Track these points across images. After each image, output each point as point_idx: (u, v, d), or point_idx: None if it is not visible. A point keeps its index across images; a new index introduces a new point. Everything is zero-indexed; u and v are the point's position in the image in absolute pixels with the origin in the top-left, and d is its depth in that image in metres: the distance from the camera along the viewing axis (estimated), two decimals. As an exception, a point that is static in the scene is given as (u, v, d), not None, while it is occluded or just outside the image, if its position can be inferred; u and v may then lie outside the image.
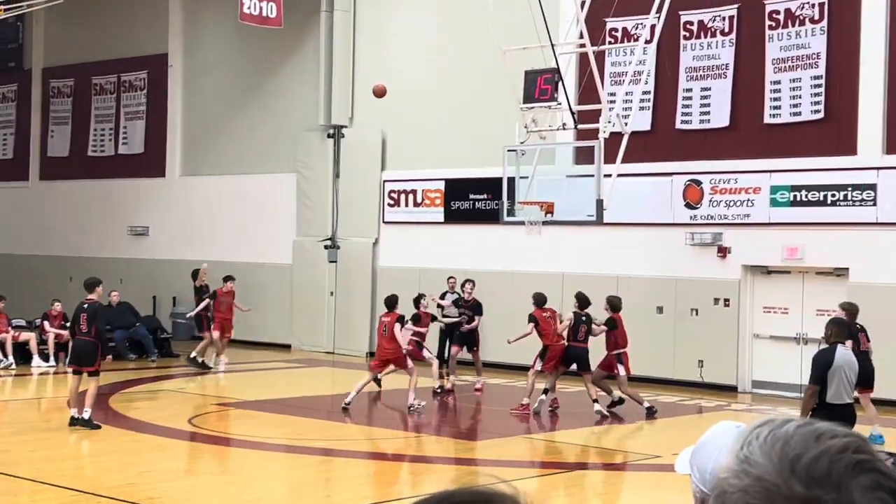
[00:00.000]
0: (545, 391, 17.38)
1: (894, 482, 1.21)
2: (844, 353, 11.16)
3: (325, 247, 26.10)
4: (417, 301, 18.92)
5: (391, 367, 17.71)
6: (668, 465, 12.61)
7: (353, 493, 12.10)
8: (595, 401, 17.05)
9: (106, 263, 29.22)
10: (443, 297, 21.77)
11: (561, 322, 17.78)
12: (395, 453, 14.67)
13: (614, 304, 17.70)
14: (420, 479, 12.59)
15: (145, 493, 11.48)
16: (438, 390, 19.25)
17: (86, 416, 14.67)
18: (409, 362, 17.41)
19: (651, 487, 12.24)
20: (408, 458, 14.44)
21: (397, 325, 17.21)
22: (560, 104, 18.49)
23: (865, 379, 14.07)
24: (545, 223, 19.08)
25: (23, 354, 22.43)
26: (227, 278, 22.72)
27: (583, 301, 17.78)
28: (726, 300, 20.44)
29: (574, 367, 17.54)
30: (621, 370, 17.28)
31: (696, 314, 20.59)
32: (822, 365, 11.04)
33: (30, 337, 22.85)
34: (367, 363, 24.25)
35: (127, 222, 29.94)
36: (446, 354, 21.97)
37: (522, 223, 19.21)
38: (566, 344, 17.50)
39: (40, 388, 20.75)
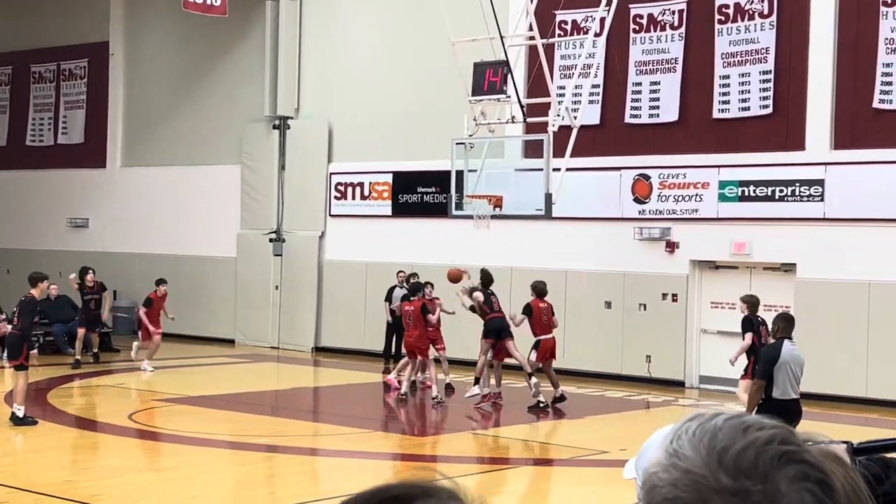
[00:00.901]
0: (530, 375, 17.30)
1: (820, 472, 1.22)
2: (791, 348, 11.30)
3: (271, 240, 25.97)
4: (415, 291, 18.70)
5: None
6: (615, 460, 12.79)
7: (296, 490, 12.06)
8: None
9: (45, 256, 28.83)
10: (391, 291, 21.87)
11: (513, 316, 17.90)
12: (339, 450, 14.63)
13: (538, 289, 17.75)
14: (363, 476, 12.56)
15: (85, 490, 11.35)
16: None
17: (18, 413, 14.42)
18: (431, 353, 18.01)
19: (598, 482, 12.31)
20: (352, 454, 14.39)
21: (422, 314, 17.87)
22: (509, 97, 18.55)
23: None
24: (494, 217, 19.14)
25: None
26: (160, 281, 21.89)
27: (487, 281, 17.93)
28: (674, 295, 20.61)
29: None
30: (533, 355, 17.33)
31: (644, 309, 20.74)
32: (769, 360, 11.19)
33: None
34: (312, 358, 24.24)
35: (66, 214, 29.58)
36: (392, 350, 22.07)
37: (471, 217, 19.26)
38: (488, 317, 17.57)
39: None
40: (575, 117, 18.94)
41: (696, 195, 20.44)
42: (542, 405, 17.17)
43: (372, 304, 23.47)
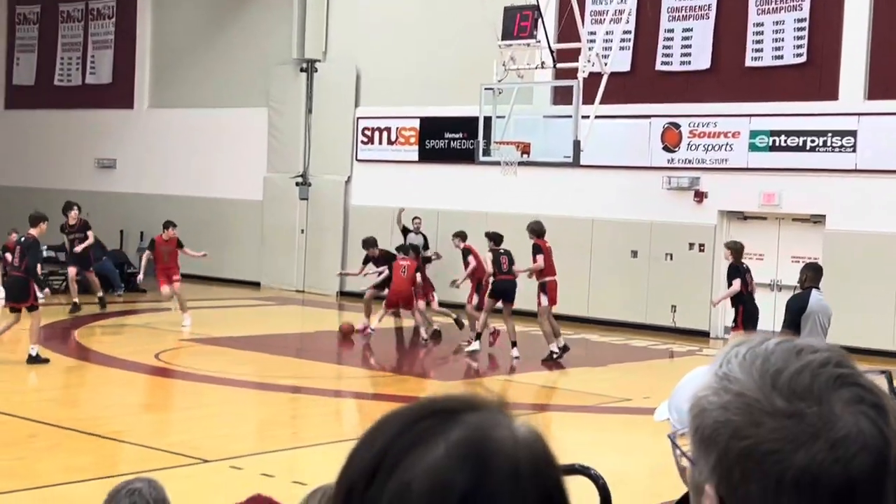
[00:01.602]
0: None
1: (875, 396, 1.22)
2: (818, 298, 11.26)
3: (297, 184, 25.99)
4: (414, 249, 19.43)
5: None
6: (637, 408, 12.83)
7: (320, 431, 12.17)
8: (514, 343, 17.11)
9: (72, 196, 28.93)
10: (405, 235, 22.05)
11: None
12: (362, 392, 14.75)
13: (537, 230, 17.27)
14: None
15: (111, 426, 11.50)
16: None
17: (32, 352, 14.51)
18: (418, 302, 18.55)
19: (620, 430, 12.36)
20: (375, 396, 14.51)
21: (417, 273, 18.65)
22: (539, 42, 18.40)
23: (748, 317, 14.77)
24: (521, 164, 19.06)
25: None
26: (168, 224, 20.56)
27: (496, 239, 17.76)
28: (701, 245, 20.54)
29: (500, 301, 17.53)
30: (543, 300, 17.09)
31: (671, 259, 20.69)
32: (796, 310, 11.16)
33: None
34: (336, 302, 24.36)
35: (94, 154, 29.69)
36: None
37: (498, 163, 19.18)
38: (497, 278, 17.46)
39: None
40: (605, 63, 18.78)
41: (727, 144, 20.30)
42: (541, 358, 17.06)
43: (397, 250, 23.50)
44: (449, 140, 23.69)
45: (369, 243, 19.96)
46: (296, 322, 22.02)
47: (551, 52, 18.55)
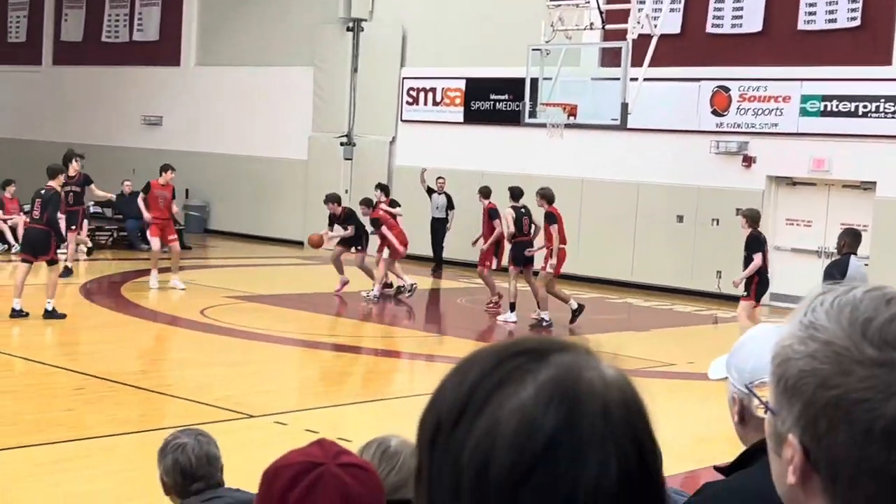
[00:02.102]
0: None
1: None
2: (857, 264, 11.16)
3: (341, 143, 26.01)
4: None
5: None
6: (681, 372, 12.77)
7: (363, 389, 12.24)
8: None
9: (118, 152, 29.24)
10: (430, 195, 22.12)
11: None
12: (409, 352, 14.79)
13: (549, 197, 16.61)
14: (432, 376, 12.71)
15: (158, 381, 11.62)
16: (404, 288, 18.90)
17: (48, 307, 14.46)
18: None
19: (663, 394, 12.30)
20: (420, 356, 14.54)
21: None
22: (588, 2, 18.28)
23: (762, 288, 14.44)
24: (567, 126, 18.97)
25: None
26: (166, 167, 18.92)
27: (517, 194, 17.25)
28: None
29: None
30: (549, 267, 16.44)
31: (717, 224, 20.51)
32: (836, 276, 11.03)
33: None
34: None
35: (141, 111, 29.85)
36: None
37: (544, 125, 19.10)
38: (516, 239, 16.98)
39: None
40: (655, 25, 18.60)
41: (777, 109, 20.06)
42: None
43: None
44: (494, 101, 23.57)
45: (332, 199, 19.10)
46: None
47: (600, 13, 18.40)
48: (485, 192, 18.51)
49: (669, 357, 14.32)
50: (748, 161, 20.31)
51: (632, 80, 18.33)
